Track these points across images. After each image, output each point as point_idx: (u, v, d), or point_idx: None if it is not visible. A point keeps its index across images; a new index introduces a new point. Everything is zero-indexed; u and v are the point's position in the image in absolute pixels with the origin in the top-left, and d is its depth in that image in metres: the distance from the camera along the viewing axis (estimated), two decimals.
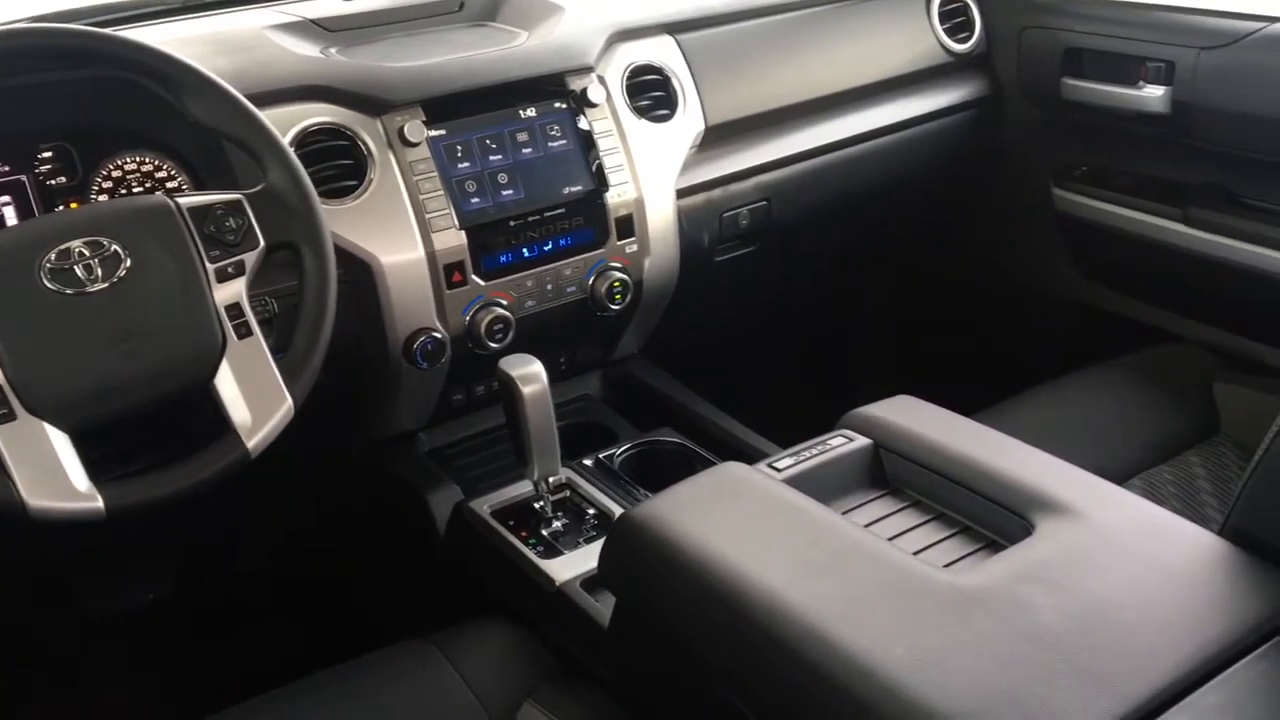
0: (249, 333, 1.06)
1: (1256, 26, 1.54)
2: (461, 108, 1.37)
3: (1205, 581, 0.93)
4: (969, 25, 1.85)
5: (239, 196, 1.08)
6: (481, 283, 1.36)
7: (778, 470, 1.11)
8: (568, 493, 1.38)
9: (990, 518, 1.04)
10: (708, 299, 1.66)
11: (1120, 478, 1.39)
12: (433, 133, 1.34)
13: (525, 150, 1.40)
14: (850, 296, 2.13)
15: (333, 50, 1.43)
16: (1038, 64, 1.80)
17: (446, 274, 1.33)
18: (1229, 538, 0.98)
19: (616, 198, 1.44)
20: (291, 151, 1.13)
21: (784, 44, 1.68)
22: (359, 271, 1.29)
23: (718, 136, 1.59)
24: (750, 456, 1.17)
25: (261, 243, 1.07)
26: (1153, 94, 1.65)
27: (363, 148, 1.31)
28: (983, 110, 1.87)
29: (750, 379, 1.91)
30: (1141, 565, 0.94)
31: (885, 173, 1.79)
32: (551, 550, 1.29)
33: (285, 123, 1.26)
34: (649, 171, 1.48)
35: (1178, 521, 1.01)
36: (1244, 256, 1.57)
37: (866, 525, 1.07)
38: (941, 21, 1.82)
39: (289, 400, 1.07)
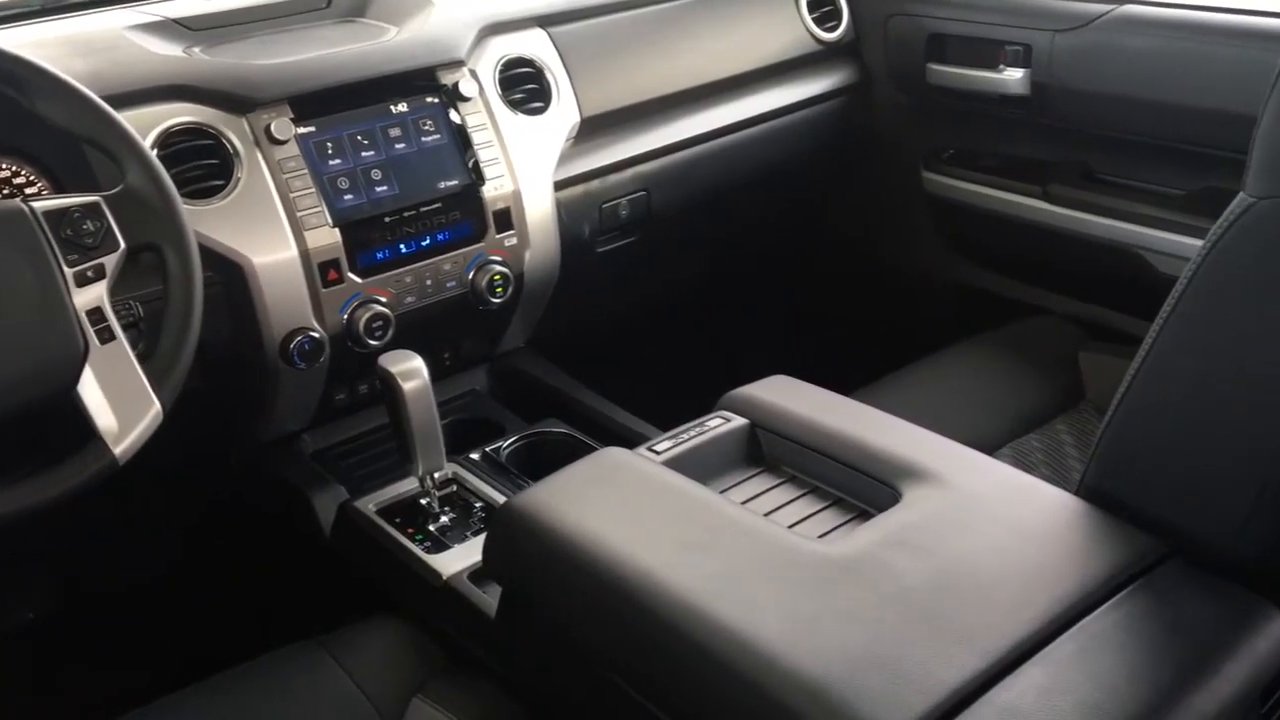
0: (112, 337, 1.04)
1: (1107, 9, 1.61)
2: (331, 104, 1.36)
3: (1062, 539, 0.97)
4: (837, 14, 1.89)
5: (96, 199, 1.05)
6: (359, 280, 1.35)
7: (657, 453, 1.13)
8: (455, 487, 1.38)
9: (861, 488, 1.07)
10: (592, 290, 1.68)
11: (991, 447, 1.44)
12: (301, 130, 1.33)
13: (398, 146, 1.39)
14: (734, 282, 2.17)
15: (196, 49, 1.40)
16: (903, 51, 1.85)
17: (321, 272, 1.32)
18: (1085, 497, 1.02)
19: (493, 191, 1.44)
20: (150, 151, 1.11)
21: (656, 36, 1.69)
22: (230, 272, 1.27)
23: (594, 128, 1.60)
24: (636, 443, 1.18)
25: (122, 245, 1.05)
26: (1012, 76, 1.71)
27: (228, 147, 1.29)
28: (854, 97, 1.91)
29: (638, 366, 1.93)
30: (1002, 527, 0.98)
31: (761, 160, 1.83)
32: (439, 545, 1.29)
33: (147, 123, 1.23)
34: (525, 164, 1.48)
35: (1037, 484, 1.06)
36: (1102, 230, 1.64)
37: (743, 502, 1.09)
38: (810, 11, 1.85)
39: (156, 405, 1.05)
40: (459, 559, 1.26)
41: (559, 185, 1.54)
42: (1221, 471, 0.93)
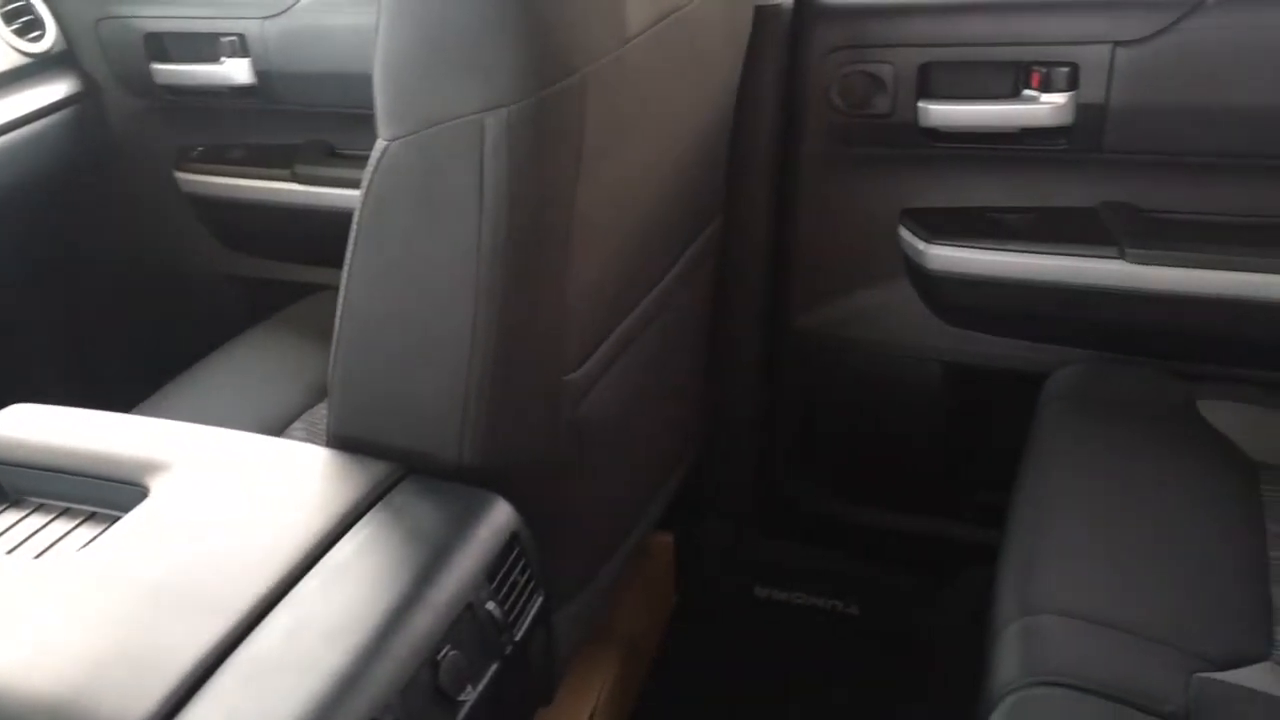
0: None
1: None
2: None
3: (310, 489, 1.01)
4: (39, 24, 1.77)
5: None
6: None
7: None
8: None
9: (110, 496, 1.04)
10: None
11: (283, 424, 1.46)
12: None
13: None
14: (11, 315, 1.97)
15: None
16: (122, 54, 1.79)
17: None
18: (333, 445, 1.08)
19: None
20: None
21: None
22: None
23: None
24: None
25: None
26: (236, 66, 1.73)
27: None
28: (83, 107, 1.81)
29: None
30: (249, 493, 1.00)
31: None
32: None
33: None
34: None
35: (287, 445, 1.10)
36: (344, 202, 1.72)
37: None
38: (7, 23, 1.71)
39: None
40: None
41: None
42: (429, 391, 1.02)
